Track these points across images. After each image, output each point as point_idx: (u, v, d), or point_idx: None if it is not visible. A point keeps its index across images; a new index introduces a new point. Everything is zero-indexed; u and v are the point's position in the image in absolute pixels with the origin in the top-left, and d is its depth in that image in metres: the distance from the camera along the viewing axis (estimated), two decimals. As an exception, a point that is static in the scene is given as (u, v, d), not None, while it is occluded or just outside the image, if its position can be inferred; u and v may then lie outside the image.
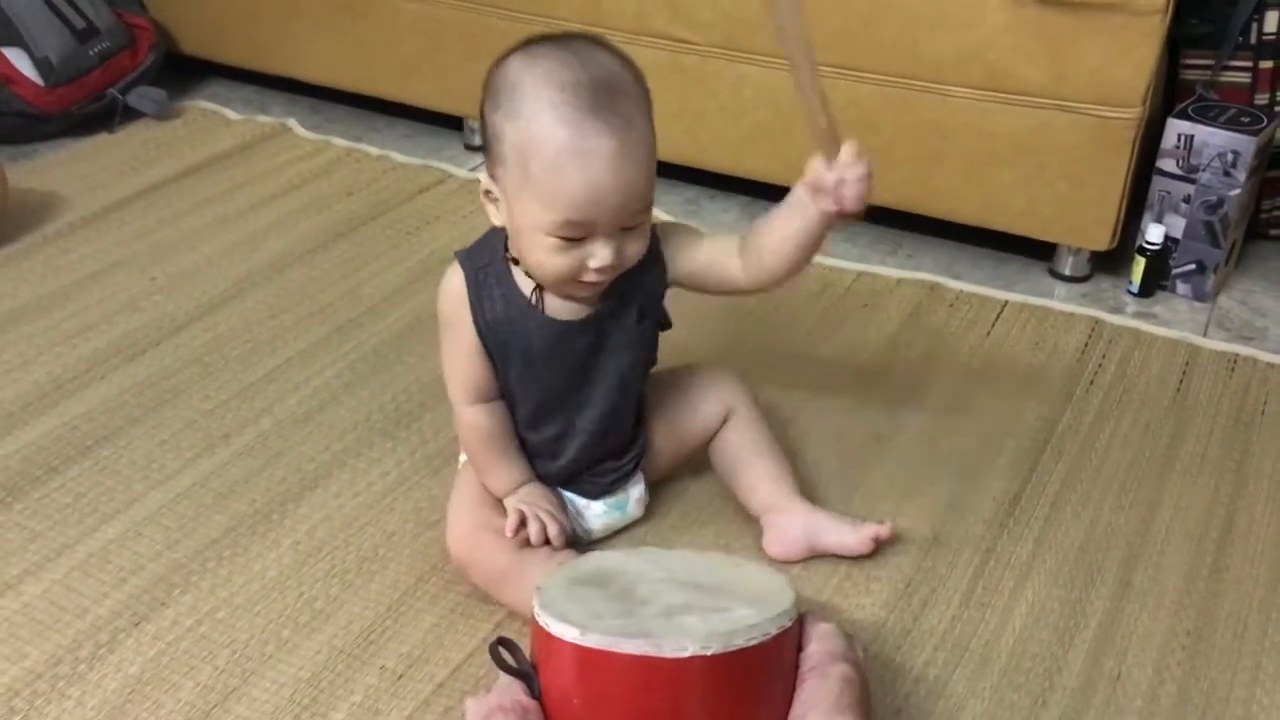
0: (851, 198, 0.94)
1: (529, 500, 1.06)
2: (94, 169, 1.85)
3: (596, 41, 0.98)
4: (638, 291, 1.05)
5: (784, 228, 1.00)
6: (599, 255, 0.96)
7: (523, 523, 1.03)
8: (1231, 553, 1.14)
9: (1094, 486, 1.22)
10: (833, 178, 0.94)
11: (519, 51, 0.96)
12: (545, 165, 0.92)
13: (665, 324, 1.09)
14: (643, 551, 1.06)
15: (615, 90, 0.94)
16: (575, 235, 0.95)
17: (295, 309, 1.51)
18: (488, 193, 1.00)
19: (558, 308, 1.03)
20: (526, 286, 1.02)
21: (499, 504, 1.08)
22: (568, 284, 0.99)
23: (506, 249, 1.03)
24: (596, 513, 1.12)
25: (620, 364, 1.07)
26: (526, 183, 0.94)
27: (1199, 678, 1.01)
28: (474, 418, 1.07)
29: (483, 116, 0.98)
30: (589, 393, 1.07)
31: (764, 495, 1.13)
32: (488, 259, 1.03)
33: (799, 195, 0.97)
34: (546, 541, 1.04)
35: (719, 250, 1.05)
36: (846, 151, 0.93)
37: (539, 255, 0.97)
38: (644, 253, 1.00)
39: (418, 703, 0.97)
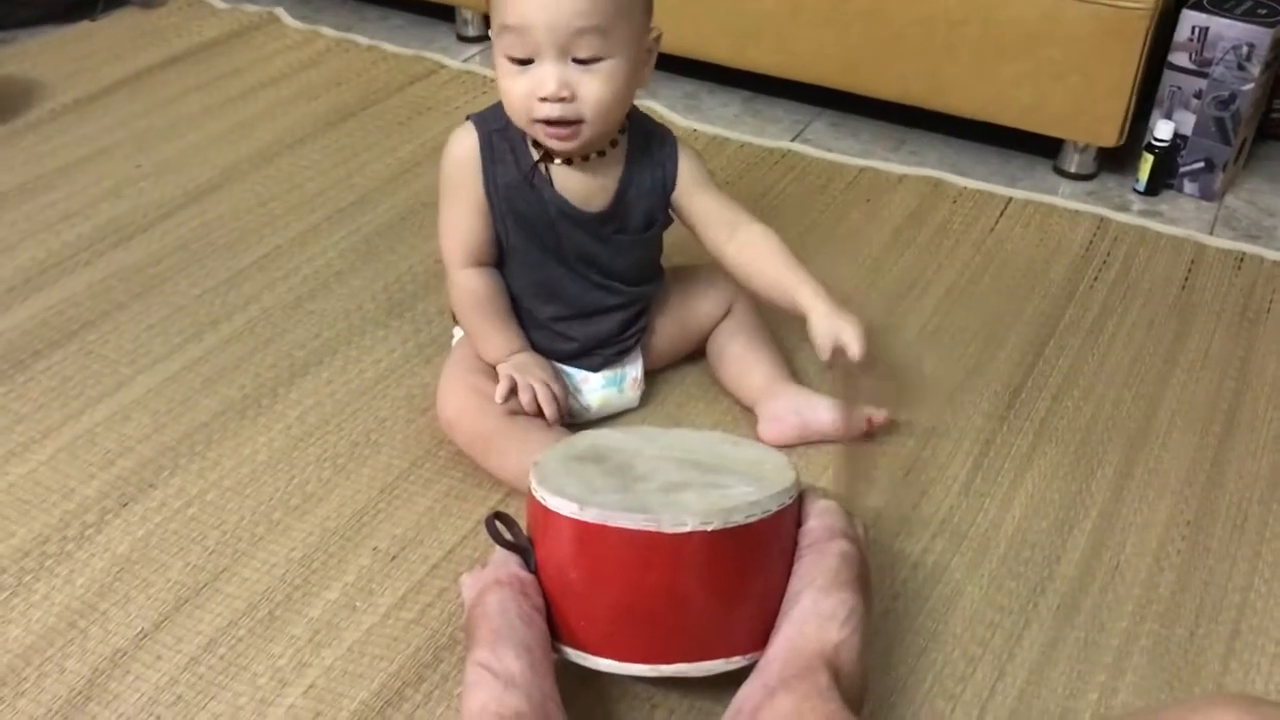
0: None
1: (521, 367, 1.04)
2: (76, 56, 1.80)
3: None
4: (645, 194, 1.05)
5: (766, 292, 1.06)
6: (545, 82, 0.94)
7: (513, 391, 1.02)
8: (1233, 447, 1.13)
9: (1096, 380, 1.21)
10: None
11: None
12: None
13: (667, 222, 1.09)
14: (640, 430, 1.04)
15: None
16: (518, 52, 0.94)
17: (285, 197, 1.47)
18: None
19: (566, 186, 1.03)
20: (536, 155, 1.02)
21: (492, 371, 1.06)
22: (532, 126, 0.98)
23: None
24: (594, 386, 1.11)
25: (625, 262, 1.07)
26: (494, 15, 0.96)
27: (1197, 567, 1.00)
28: (468, 280, 1.06)
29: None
30: (592, 281, 1.07)
31: (758, 381, 1.12)
32: (504, 123, 1.02)
33: (809, 315, 1.02)
34: (538, 411, 1.03)
35: (721, 217, 1.07)
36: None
37: (505, 89, 0.97)
38: (609, 104, 0.97)
39: (412, 583, 0.96)
